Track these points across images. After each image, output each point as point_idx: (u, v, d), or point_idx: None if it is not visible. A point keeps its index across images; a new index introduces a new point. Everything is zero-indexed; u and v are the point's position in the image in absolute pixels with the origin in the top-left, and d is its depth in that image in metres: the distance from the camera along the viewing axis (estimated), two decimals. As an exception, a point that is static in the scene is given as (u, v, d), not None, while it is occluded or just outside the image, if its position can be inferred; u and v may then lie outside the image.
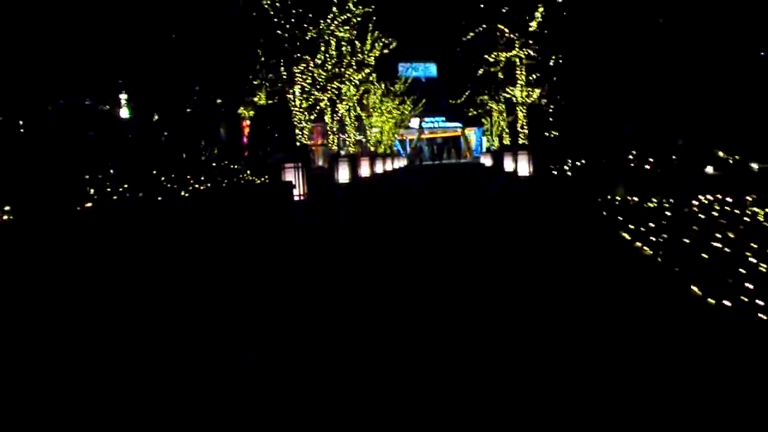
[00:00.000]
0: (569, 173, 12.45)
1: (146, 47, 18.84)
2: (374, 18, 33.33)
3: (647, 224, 7.84)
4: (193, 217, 8.07)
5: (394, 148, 63.69)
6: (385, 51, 33.62)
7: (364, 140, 53.24)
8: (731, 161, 12.98)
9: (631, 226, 7.93)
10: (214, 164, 11.67)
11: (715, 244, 6.62)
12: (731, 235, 7.04)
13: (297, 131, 23.73)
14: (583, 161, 12.63)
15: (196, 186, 9.53)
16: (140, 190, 8.06)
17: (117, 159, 10.01)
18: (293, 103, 22.93)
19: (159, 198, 8.20)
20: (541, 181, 17.09)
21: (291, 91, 22.97)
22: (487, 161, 42.78)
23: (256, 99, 40.13)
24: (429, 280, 6.01)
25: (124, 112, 23.02)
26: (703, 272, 5.73)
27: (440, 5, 71.56)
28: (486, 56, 24.79)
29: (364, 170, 29.09)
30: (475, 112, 48.99)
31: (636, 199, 9.74)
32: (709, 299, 5.03)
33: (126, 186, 7.90)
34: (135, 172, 9.00)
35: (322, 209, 13.26)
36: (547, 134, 19.18)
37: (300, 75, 22.91)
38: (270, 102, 32.67)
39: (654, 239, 7.04)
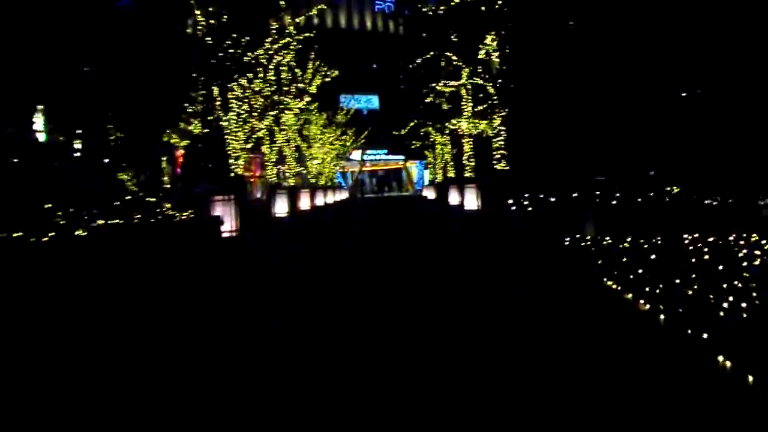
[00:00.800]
0: (530, 209, 11.38)
1: (65, 68, 17.11)
2: (315, 46, 32.24)
3: (634, 270, 6.74)
4: (83, 263, 6.51)
5: (335, 180, 62.49)
6: (327, 79, 32.46)
7: (304, 172, 51.87)
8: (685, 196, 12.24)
9: (612, 272, 6.81)
10: (129, 197, 10.05)
11: (727, 297, 5.54)
12: (738, 285, 5.99)
13: (232, 161, 22.16)
14: (543, 196, 11.60)
15: (101, 222, 7.94)
16: (24, 225, 6.47)
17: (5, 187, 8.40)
18: (228, 131, 21.42)
19: (46, 237, 6.60)
20: (493, 216, 16.01)
21: (226, 118, 21.46)
22: (430, 194, 41.99)
23: (191, 128, 38.34)
24: (370, 356, 4.67)
25: (41, 136, 21.01)
26: (722, 334, 4.60)
27: (384, 35, 71.58)
28: (434, 84, 23.85)
29: (304, 203, 27.66)
30: (418, 144, 48.24)
31: (609, 239, 8.68)
32: (749, 376, 3.89)
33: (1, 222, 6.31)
34: (23, 204, 7.39)
35: (255, 248, 11.75)
36: (497, 167, 18.21)
37: (236, 101, 21.46)
38: (206, 131, 31.07)
39: (648, 290, 5.91)
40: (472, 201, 21.80)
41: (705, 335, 4.54)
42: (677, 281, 6.11)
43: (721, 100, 12.36)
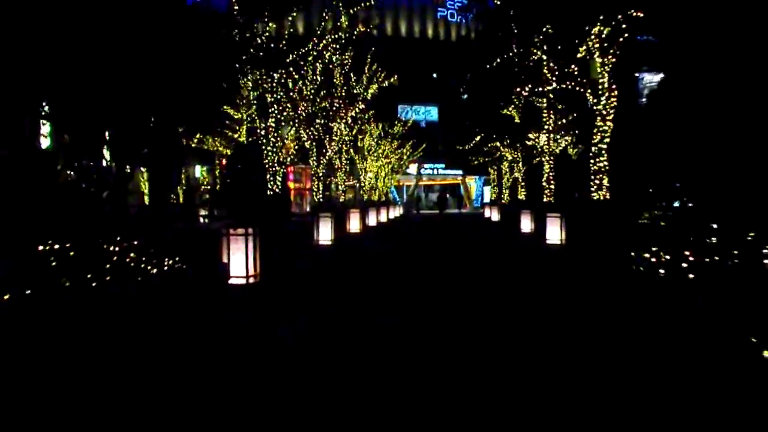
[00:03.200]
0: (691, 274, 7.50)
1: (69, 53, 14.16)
2: (372, 48, 28.93)
3: None
4: None
5: (389, 195, 59.07)
6: (384, 84, 29.02)
7: (357, 185, 48.57)
8: None
9: None
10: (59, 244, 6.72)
11: None
12: None
13: (269, 176, 18.93)
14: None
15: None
16: None
17: None
18: (264, 141, 18.13)
19: None
20: (599, 265, 12.13)
21: (263, 125, 18.18)
22: (493, 215, 37.75)
23: (236, 135, 35.51)
24: None
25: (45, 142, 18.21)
26: None
27: (446, 44, 67.87)
28: (518, 89, 19.95)
29: (354, 224, 24.16)
30: (481, 160, 44.21)
31: None
32: None
33: None
34: None
35: (276, 308, 8.21)
36: (595, 195, 14.30)
37: (277, 104, 18.19)
38: (251, 139, 28.17)
39: None
40: (555, 234, 17.90)
41: None
42: None
43: None
